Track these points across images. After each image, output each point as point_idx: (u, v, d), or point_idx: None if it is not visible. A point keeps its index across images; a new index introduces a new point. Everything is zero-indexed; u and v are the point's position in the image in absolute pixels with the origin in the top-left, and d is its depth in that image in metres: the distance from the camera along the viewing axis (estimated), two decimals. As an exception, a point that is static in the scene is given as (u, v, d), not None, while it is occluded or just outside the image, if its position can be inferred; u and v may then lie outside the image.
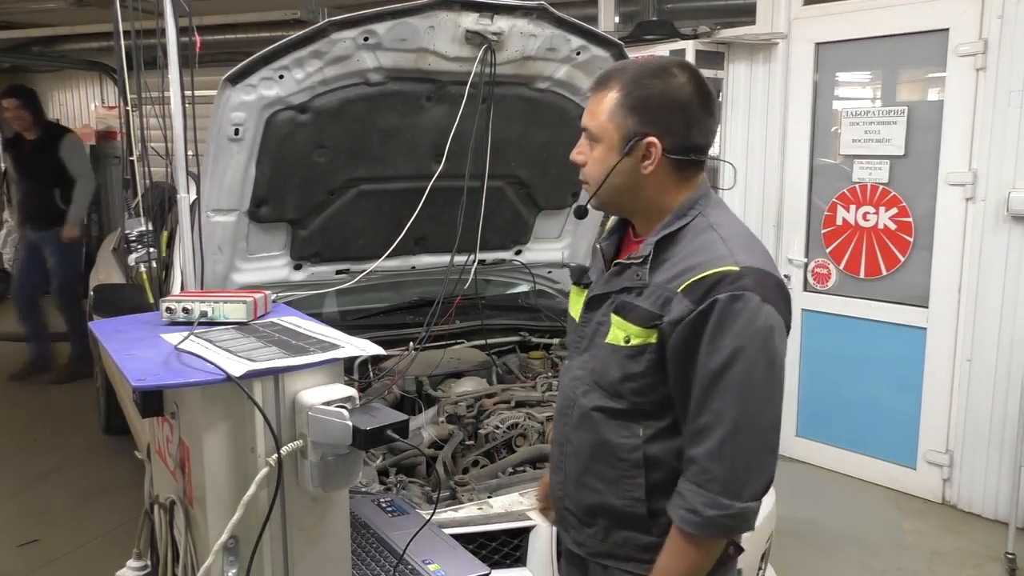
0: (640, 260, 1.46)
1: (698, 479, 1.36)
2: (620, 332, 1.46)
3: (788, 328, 1.41)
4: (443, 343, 2.96)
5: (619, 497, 1.49)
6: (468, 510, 2.10)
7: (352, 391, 1.41)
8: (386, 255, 2.76)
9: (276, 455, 1.35)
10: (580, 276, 1.64)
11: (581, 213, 1.67)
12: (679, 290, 1.36)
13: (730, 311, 1.32)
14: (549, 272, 3.47)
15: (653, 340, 1.40)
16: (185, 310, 1.65)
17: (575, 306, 1.64)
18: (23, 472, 4.32)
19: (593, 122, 1.46)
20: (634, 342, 1.43)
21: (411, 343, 2.71)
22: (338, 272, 2.94)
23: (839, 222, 4.17)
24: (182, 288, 2.61)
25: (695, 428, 1.37)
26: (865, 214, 4.05)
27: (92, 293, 3.09)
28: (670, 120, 1.42)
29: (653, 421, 1.45)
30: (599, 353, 1.51)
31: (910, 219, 3.91)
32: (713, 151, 1.53)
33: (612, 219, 1.65)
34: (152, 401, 1.51)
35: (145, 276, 2.97)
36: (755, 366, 1.33)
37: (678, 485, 1.40)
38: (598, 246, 1.63)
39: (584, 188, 1.53)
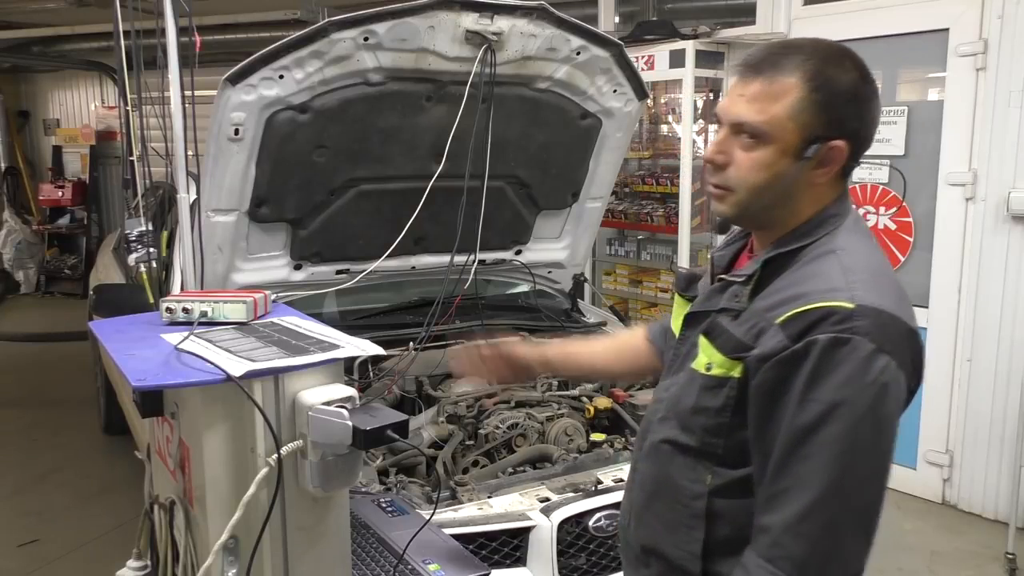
0: (743, 279, 1.25)
1: (768, 553, 1.13)
2: (704, 357, 1.26)
3: (912, 391, 1.17)
4: (443, 343, 2.95)
5: (674, 546, 1.29)
6: (468, 510, 2.10)
7: (352, 391, 1.41)
8: (386, 255, 2.76)
9: (276, 455, 1.35)
10: (686, 286, 1.43)
11: (725, 228, 1.34)
12: (777, 321, 1.14)
13: (831, 358, 1.08)
14: (549, 272, 3.46)
15: (736, 374, 1.20)
16: (185, 310, 1.65)
17: (676, 319, 1.42)
18: (23, 472, 4.32)
19: (762, 116, 1.18)
20: (715, 372, 1.23)
21: (411, 343, 2.71)
22: (338, 272, 2.94)
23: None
24: (182, 288, 2.61)
25: (772, 492, 1.14)
26: (865, 214, 4.05)
27: (92, 293, 3.08)
28: (858, 120, 1.20)
29: (725, 469, 1.24)
30: (683, 377, 1.32)
31: (910, 219, 3.91)
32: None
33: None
34: (152, 401, 1.51)
35: (145, 276, 2.96)
36: (858, 430, 1.09)
37: (744, 555, 1.17)
38: (711, 255, 1.42)
39: (714, 195, 1.27)
